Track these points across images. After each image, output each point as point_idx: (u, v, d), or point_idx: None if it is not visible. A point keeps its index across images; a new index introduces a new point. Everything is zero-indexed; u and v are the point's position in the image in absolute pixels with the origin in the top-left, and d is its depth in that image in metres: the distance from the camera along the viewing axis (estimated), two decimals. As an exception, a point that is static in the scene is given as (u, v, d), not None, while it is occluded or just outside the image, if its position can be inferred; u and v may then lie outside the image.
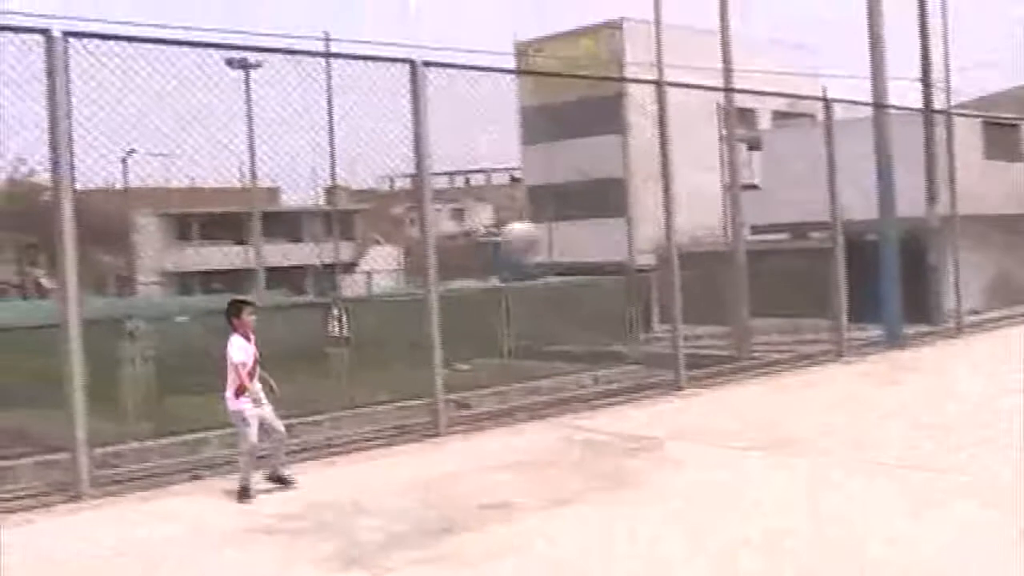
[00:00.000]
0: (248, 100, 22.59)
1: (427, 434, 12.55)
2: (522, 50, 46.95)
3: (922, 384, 15.27)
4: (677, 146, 15.99)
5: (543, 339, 22.47)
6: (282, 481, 10.16)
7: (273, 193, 42.70)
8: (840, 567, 7.25)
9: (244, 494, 9.71)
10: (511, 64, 43.47)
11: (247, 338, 10.06)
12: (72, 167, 10.49)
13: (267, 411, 10.03)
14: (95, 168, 11.63)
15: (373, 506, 9.41)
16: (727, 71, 25.64)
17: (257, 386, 9.99)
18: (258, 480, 10.00)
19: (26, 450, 13.44)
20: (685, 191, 19.37)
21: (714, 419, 13.12)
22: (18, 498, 10.24)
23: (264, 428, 9.98)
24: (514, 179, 55.93)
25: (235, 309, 10.21)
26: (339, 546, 8.15)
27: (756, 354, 20.98)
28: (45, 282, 42.80)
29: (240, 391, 9.88)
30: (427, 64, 12.85)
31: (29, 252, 46.84)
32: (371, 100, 13.80)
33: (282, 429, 10.22)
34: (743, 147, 36.86)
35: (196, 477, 10.91)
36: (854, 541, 7.72)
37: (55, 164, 10.38)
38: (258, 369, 10.09)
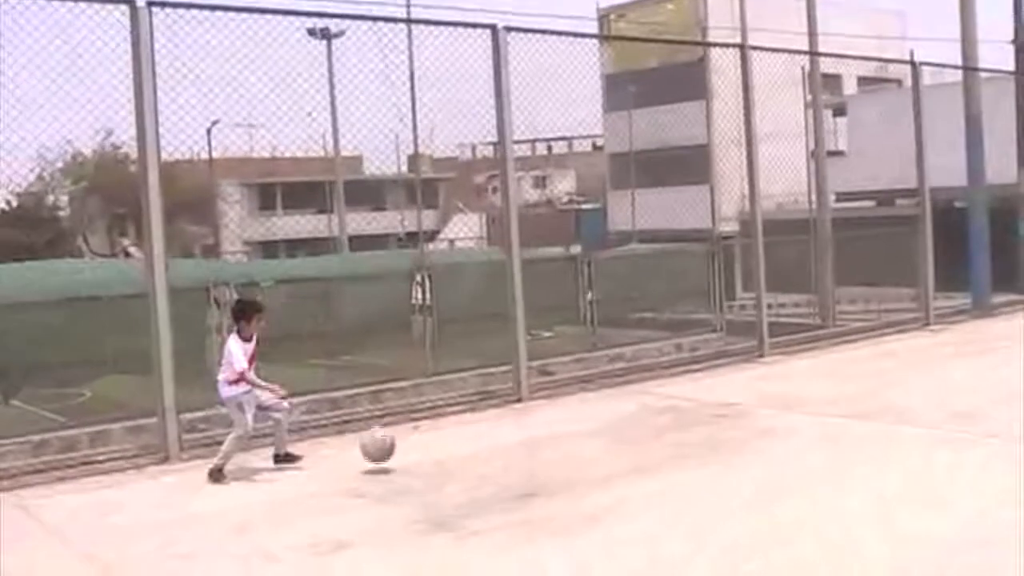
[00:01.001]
0: (330, 69, 22.74)
1: (510, 400, 12.62)
2: (604, 16, 46.70)
3: (1011, 353, 14.99)
4: (762, 112, 15.84)
5: (626, 307, 22.38)
6: (289, 458, 9.99)
7: (356, 161, 42.86)
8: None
9: (218, 474, 9.43)
10: (593, 30, 43.17)
11: (247, 340, 9.78)
12: (158, 137, 10.62)
13: (263, 396, 9.79)
14: (181, 137, 11.73)
15: (457, 471, 9.48)
16: (812, 35, 25.31)
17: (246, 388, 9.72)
18: (266, 459, 9.97)
19: (120, 415, 13.69)
20: (770, 158, 19.20)
21: (797, 387, 13.01)
22: (112, 459, 10.48)
23: (264, 409, 9.79)
24: (596, 147, 55.69)
25: (246, 313, 9.95)
26: (425, 510, 8.22)
27: (840, 322, 20.77)
28: (134, 251, 43.46)
29: (234, 380, 9.65)
30: (509, 29, 12.82)
31: (118, 222, 47.57)
32: (454, 67, 13.83)
33: (279, 415, 9.93)
34: (829, 113, 36.45)
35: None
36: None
37: (140, 134, 10.52)
38: (254, 366, 9.81)
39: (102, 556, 7.56)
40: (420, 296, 18.47)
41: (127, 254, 46.20)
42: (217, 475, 9.44)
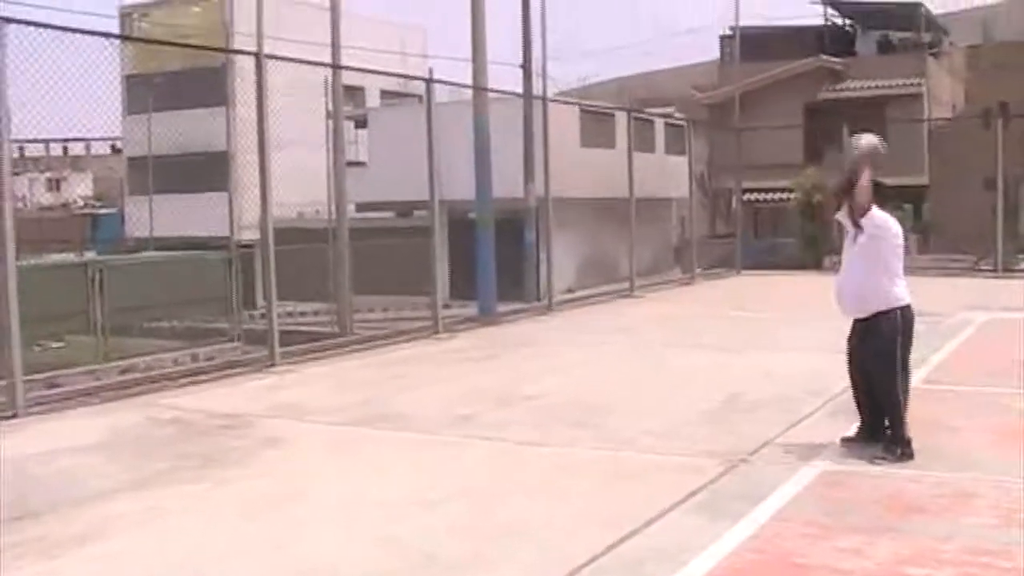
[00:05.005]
0: None
1: (2, 416, 11.89)
2: (127, 14, 45.25)
3: (500, 362, 15.81)
4: (286, 121, 15.85)
5: (142, 315, 21.80)
6: None
7: None
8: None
9: None
10: (114, 29, 41.74)
11: None
12: None
13: None
14: None
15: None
16: (335, 47, 25.60)
17: None
18: None
19: None
20: (293, 167, 19.26)
21: (306, 395, 13.09)
22: None
23: None
24: (115, 149, 53.90)
25: None
26: None
27: (358, 331, 21.14)
28: None
29: None
30: (7, 20, 12.11)
31: None
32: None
33: None
34: (351, 124, 37.06)
35: None
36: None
37: None
38: None
39: None
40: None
41: None
42: None
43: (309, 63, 18.64)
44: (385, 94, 42.74)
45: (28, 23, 12.75)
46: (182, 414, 11.91)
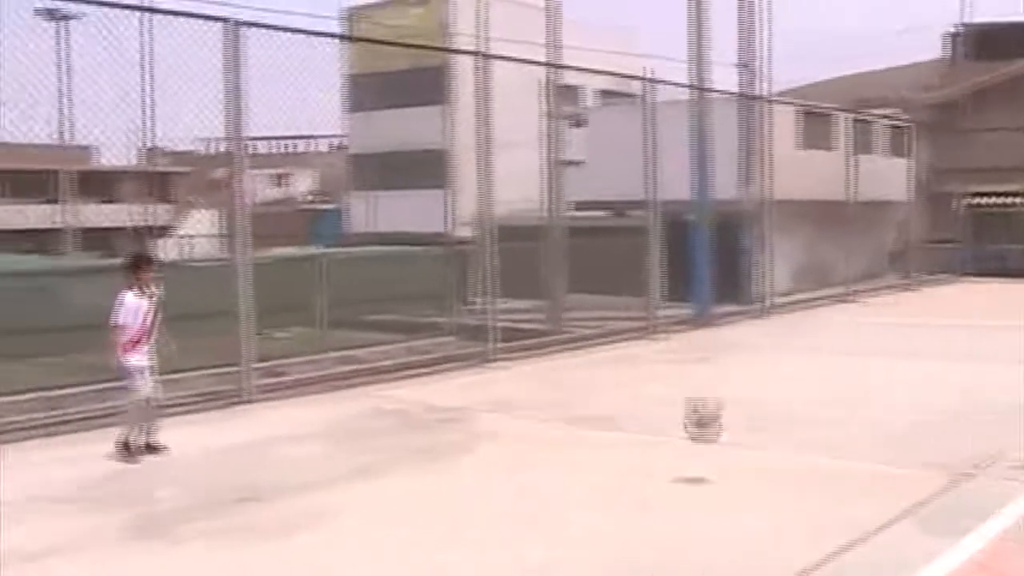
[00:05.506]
0: (59, 53, 21.92)
1: (235, 401, 12.39)
2: (349, 16, 46.38)
3: (716, 365, 15.64)
4: (503, 120, 16.03)
5: (361, 309, 22.29)
6: (152, 449, 9.78)
7: (87, 151, 41.46)
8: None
9: (126, 450, 9.41)
10: (338, 30, 42.88)
11: (146, 296, 9.65)
12: None
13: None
14: None
15: (174, 474, 9.27)
16: (554, 47, 25.75)
17: (146, 349, 9.63)
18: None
19: None
20: (509, 165, 19.44)
21: (520, 391, 13.23)
22: None
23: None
24: (338, 147, 55.37)
25: (133, 264, 9.83)
26: (136, 515, 8.00)
27: (569, 329, 21.19)
28: None
29: (127, 348, 9.46)
30: (244, 24, 12.58)
31: None
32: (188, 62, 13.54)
33: (160, 396, 9.87)
34: (567, 124, 37.18)
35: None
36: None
37: None
38: (155, 328, 9.72)
39: None
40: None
41: None
42: (125, 449, 9.34)
43: (528, 62, 18.83)
44: (600, 94, 42.74)
45: (265, 26, 13.20)
46: (403, 405, 12.19)
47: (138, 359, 9.57)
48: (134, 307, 9.61)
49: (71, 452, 10.01)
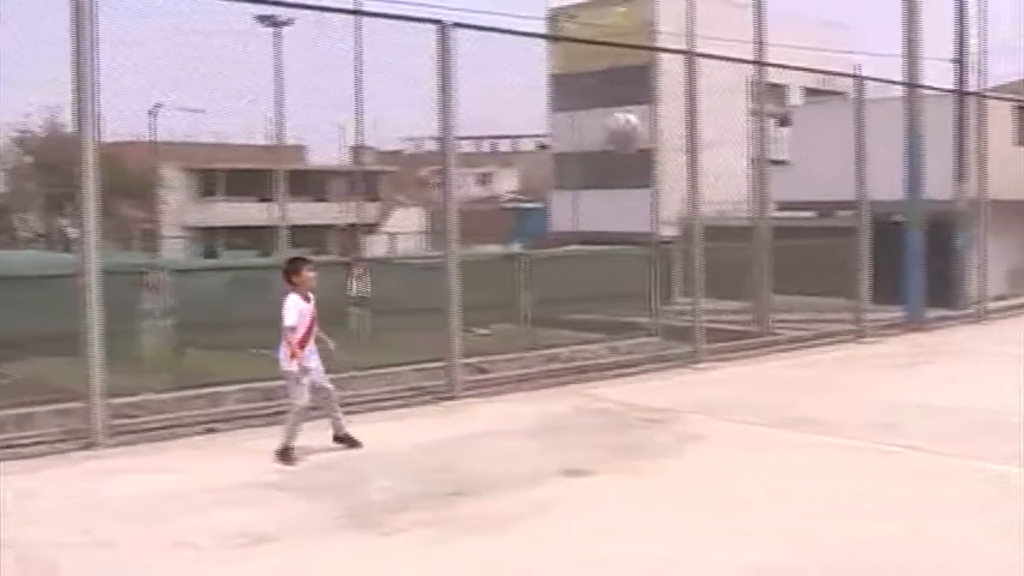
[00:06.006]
0: (277, 57, 22.60)
1: (442, 397, 12.57)
2: (554, 16, 46.64)
3: (934, 370, 15.15)
4: (706, 119, 15.87)
5: (564, 307, 22.36)
6: (347, 441, 9.98)
7: (299, 151, 42.71)
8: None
9: (285, 455, 9.42)
10: (542, 30, 43.16)
11: (306, 298, 9.76)
12: (95, 117, 10.47)
13: (317, 373, 9.79)
14: (120, 120, 11.60)
15: (385, 466, 9.43)
16: (759, 44, 25.39)
17: (310, 350, 9.75)
18: (325, 440, 9.96)
19: (44, 398, 13.50)
20: (713, 164, 19.25)
21: (731, 394, 13.06)
22: (36, 443, 10.32)
23: (314, 388, 9.75)
24: (541, 146, 55.76)
25: (294, 266, 9.89)
26: (350, 505, 8.16)
27: (776, 331, 20.86)
28: (70, 232, 42.93)
29: (292, 353, 9.61)
30: (456, 26, 12.74)
31: (56, 202, 46.98)
32: (399, 62, 13.76)
33: (330, 387, 9.97)
34: (773, 122, 36.62)
35: (211, 430, 10.94)
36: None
37: (79, 114, 10.37)
38: (315, 328, 9.82)
39: (17, 540, 7.42)
40: (356, 288, 18.35)
41: (63, 234, 45.64)
42: (284, 456, 9.40)
43: (737, 60, 18.61)
44: (807, 92, 42.01)
45: (477, 27, 13.33)
46: (609, 405, 12.17)
47: (300, 363, 9.62)
48: (299, 309, 9.69)
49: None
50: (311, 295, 9.87)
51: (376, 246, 43.05)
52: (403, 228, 47.62)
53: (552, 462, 9.46)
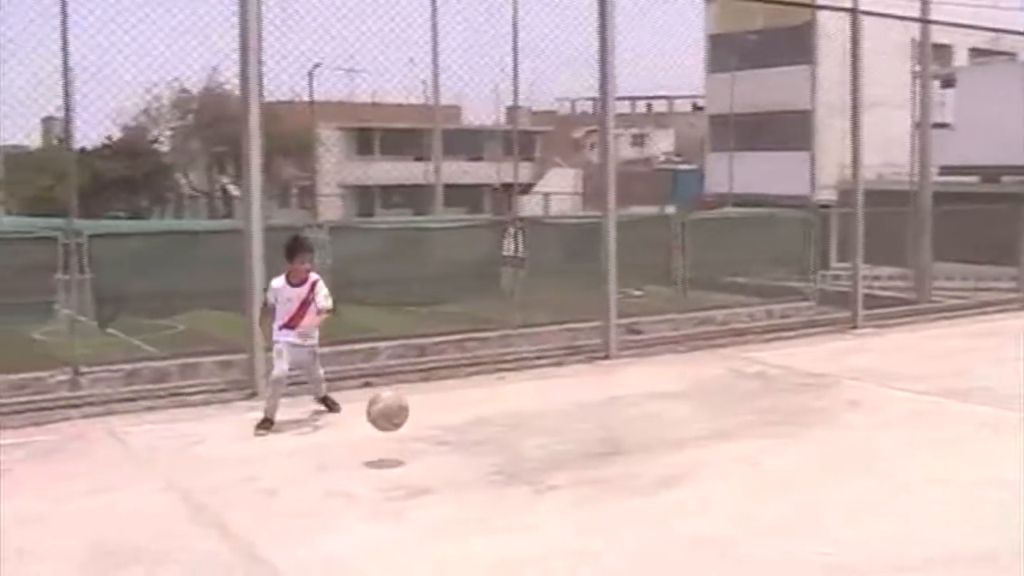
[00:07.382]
0: (434, 16, 22.72)
1: (597, 356, 12.60)
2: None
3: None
4: (866, 81, 15.54)
5: (718, 270, 22.16)
6: (326, 403, 9.92)
7: (455, 111, 42.89)
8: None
9: (264, 424, 9.23)
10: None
11: (297, 283, 9.45)
12: (260, 77, 10.68)
13: (306, 358, 9.64)
14: (283, 78, 11.82)
15: (538, 424, 9.49)
16: (924, 2, 24.72)
17: (300, 332, 9.49)
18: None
19: (211, 349, 13.94)
20: (873, 128, 18.85)
21: (890, 361, 12.79)
22: (200, 392, 10.69)
23: (299, 366, 9.63)
24: (696, 107, 55.18)
25: (288, 254, 9.54)
26: (502, 461, 8.25)
27: (936, 299, 20.41)
28: (232, 189, 43.96)
29: (285, 324, 9.44)
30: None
31: (218, 160, 48.09)
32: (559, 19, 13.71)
33: (320, 375, 9.86)
34: (936, 84, 35.67)
35: (367, 384, 11.10)
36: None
37: (243, 74, 10.59)
38: (308, 313, 9.48)
39: (183, 485, 7.68)
40: (512, 248, 18.41)
41: (225, 192, 46.75)
42: (263, 425, 9.22)
43: (903, 19, 18.13)
44: (974, 52, 40.78)
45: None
46: (765, 368, 12.05)
47: (284, 335, 9.48)
48: (276, 288, 9.54)
49: (438, 397, 10.43)
50: (308, 281, 9.54)
51: (530, 206, 43.12)
52: (557, 189, 47.58)
53: (705, 425, 9.43)
